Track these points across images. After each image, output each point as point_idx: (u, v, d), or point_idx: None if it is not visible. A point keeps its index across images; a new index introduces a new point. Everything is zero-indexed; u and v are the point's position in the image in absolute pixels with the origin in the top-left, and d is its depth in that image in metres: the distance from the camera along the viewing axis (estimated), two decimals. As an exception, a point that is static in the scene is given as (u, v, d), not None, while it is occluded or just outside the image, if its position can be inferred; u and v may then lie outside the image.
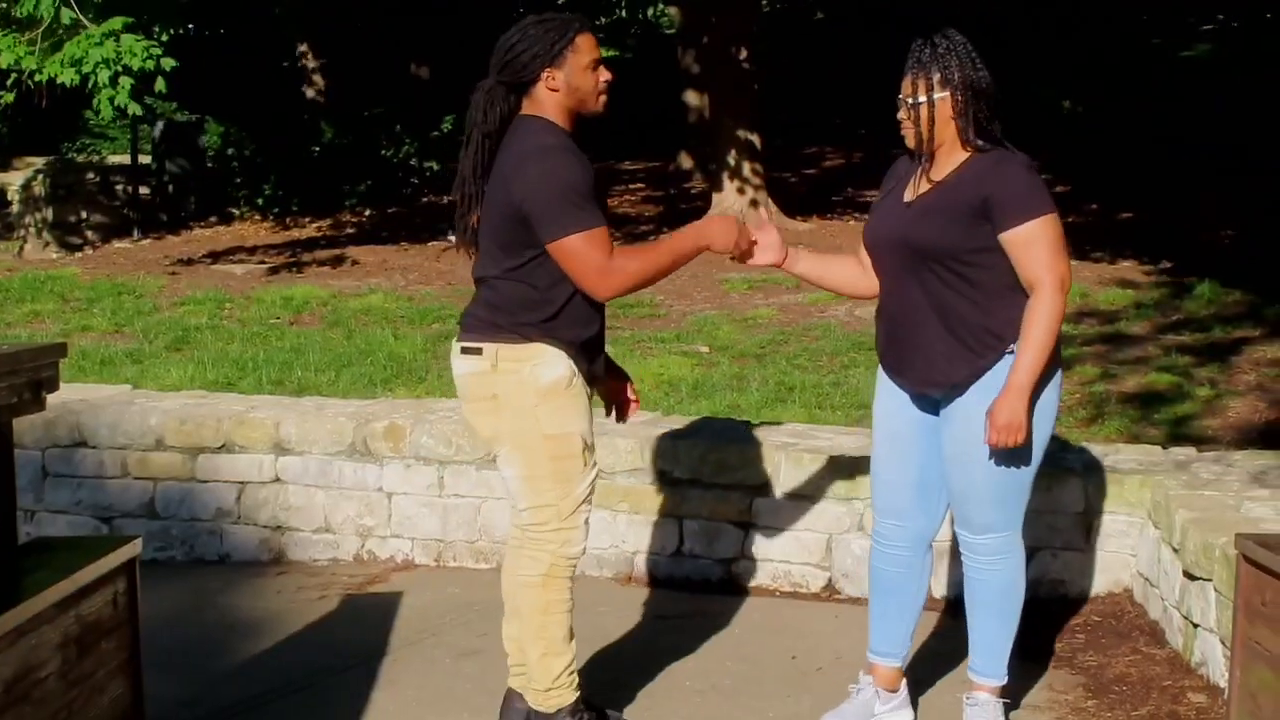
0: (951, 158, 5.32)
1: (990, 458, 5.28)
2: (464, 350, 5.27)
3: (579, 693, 5.37)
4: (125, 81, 13.80)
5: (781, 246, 5.56)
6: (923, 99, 5.27)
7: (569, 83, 5.23)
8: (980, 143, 5.26)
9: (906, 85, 5.32)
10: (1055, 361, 5.29)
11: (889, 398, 5.58)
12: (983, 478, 5.33)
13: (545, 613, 5.26)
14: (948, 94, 5.24)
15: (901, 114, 5.36)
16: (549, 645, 5.28)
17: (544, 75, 5.21)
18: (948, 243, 5.21)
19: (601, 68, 5.30)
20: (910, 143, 5.37)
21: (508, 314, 5.19)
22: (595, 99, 5.30)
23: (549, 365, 5.20)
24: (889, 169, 5.70)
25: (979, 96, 5.25)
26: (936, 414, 5.45)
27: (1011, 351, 5.20)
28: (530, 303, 5.18)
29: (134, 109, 14.40)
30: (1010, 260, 5.19)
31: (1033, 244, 5.14)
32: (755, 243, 5.49)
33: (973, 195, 5.18)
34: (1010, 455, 5.28)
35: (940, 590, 6.98)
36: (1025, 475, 5.36)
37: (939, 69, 5.25)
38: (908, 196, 5.41)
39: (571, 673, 5.33)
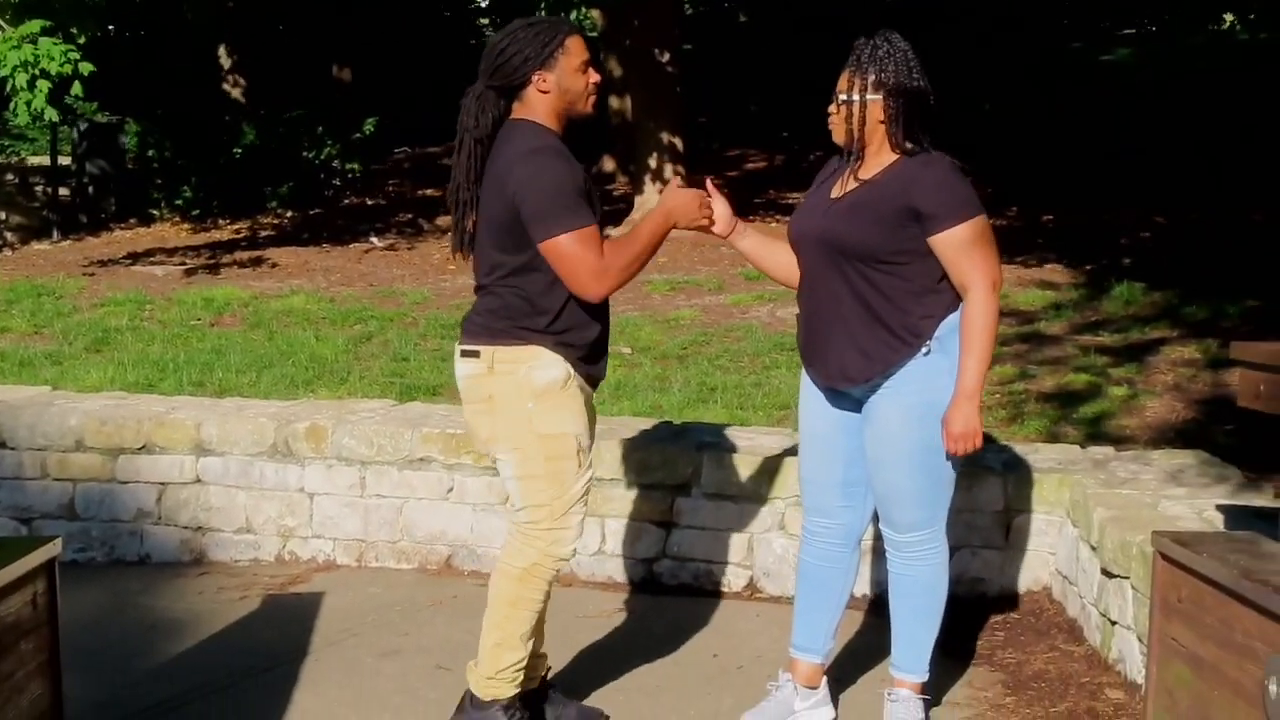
0: (879, 159, 5.32)
1: (911, 457, 5.31)
2: (463, 354, 5.31)
3: (518, 690, 5.38)
4: (43, 85, 13.70)
5: (731, 219, 5.51)
6: (855, 97, 5.27)
7: (560, 85, 5.23)
8: (909, 146, 5.27)
9: (842, 81, 5.31)
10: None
11: (813, 397, 5.57)
12: (904, 477, 5.34)
13: (514, 605, 5.27)
14: (880, 97, 5.24)
15: (832, 108, 5.35)
16: (505, 637, 5.29)
17: (535, 78, 5.21)
18: (872, 243, 5.20)
19: (591, 69, 5.31)
20: (837, 139, 5.36)
21: (507, 318, 5.21)
22: (585, 100, 5.31)
23: (544, 367, 5.22)
24: (822, 168, 5.68)
25: (911, 103, 5.26)
26: (859, 412, 5.44)
27: (927, 350, 5.22)
28: (528, 309, 5.21)
29: (51, 114, 14.30)
30: (936, 262, 5.21)
31: (964, 247, 5.17)
32: (711, 212, 5.42)
33: (899, 198, 5.19)
34: (931, 454, 5.29)
35: (863, 589, 7.00)
36: (947, 473, 5.38)
37: (875, 70, 5.24)
38: (835, 193, 5.40)
39: (518, 670, 5.34)
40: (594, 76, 5.31)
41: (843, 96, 5.30)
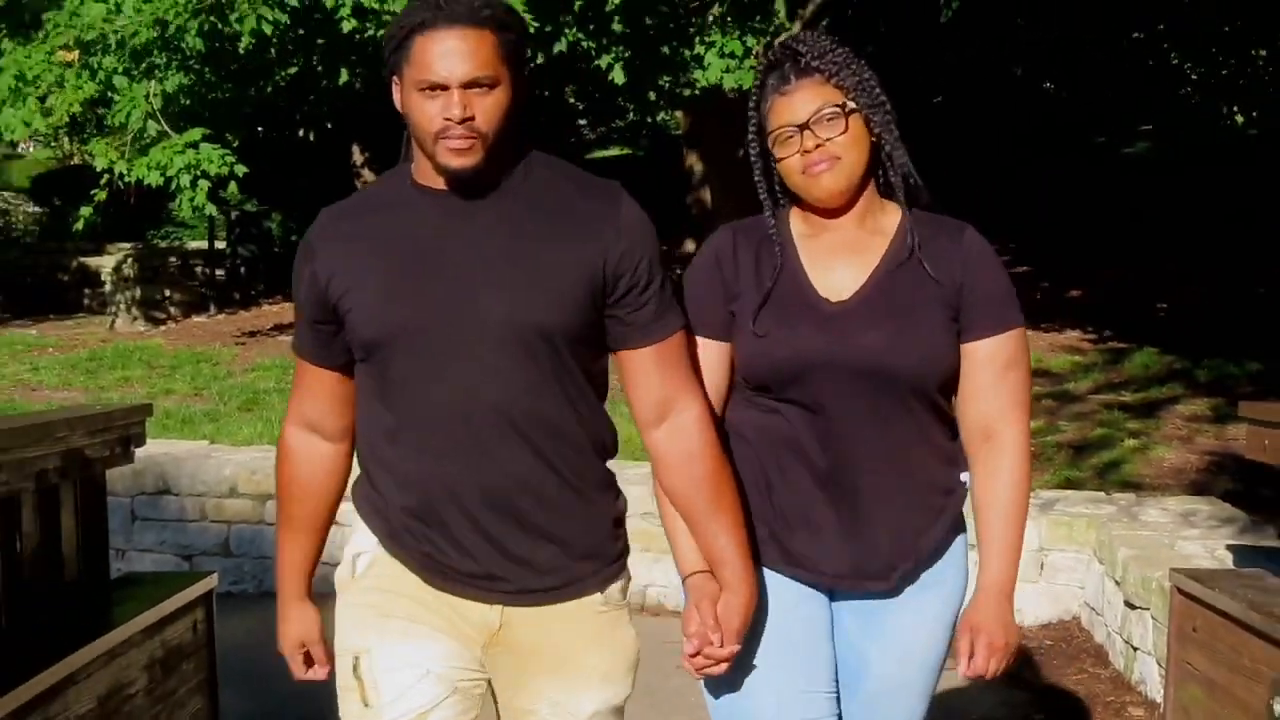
0: (872, 218, 3.13)
1: (933, 673, 3.27)
2: None
3: None
4: (203, 184, 13.80)
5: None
6: (853, 105, 3.02)
7: (404, 106, 2.80)
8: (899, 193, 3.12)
9: (815, 92, 3.01)
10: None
11: (783, 594, 3.31)
12: (920, 702, 3.29)
13: None
14: (864, 109, 3.06)
15: (807, 143, 3.00)
16: None
17: (394, 87, 2.84)
18: (935, 361, 3.07)
19: (450, 94, 2.67)
20: (829, 189, 3.03)
21: None
22: (433, 142, 2.73)
23: (350, 544, 3.15)
24: (727, 254, 3.24)
25: (890, 118, 3.09)
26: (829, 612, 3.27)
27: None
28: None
29: (210, 210, 14.44)
30: (963, 378, 3.11)
31: (1013, 363, 3.10)
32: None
33: (944, 284, 3.05)
34: (940, 667, 3.29)
35: None
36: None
37: (855, 70, 3.05)
38: (835, 292, 3.09)
39: None
40: (446, 111, 2.68)
41: (832, 108, 3.01)
